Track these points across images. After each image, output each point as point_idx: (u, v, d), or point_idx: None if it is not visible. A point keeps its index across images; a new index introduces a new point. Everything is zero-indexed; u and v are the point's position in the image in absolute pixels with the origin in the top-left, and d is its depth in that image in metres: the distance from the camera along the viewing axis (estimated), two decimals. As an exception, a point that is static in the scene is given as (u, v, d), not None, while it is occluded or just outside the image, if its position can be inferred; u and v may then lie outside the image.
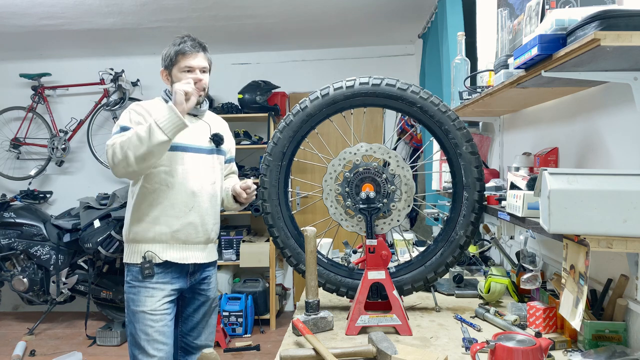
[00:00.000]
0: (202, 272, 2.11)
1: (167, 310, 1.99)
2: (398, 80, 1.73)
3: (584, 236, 1.14)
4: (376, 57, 4.89)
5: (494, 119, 2.52)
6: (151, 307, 1.95)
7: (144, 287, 1.96)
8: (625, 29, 1.01)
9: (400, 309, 1.59)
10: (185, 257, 2.01)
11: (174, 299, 2.03)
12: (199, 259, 2.05)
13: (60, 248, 4.31)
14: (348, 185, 1.70)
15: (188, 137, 1.99)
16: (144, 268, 1.95)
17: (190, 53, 1.99)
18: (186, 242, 2.01)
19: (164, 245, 1.98)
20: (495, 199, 1.88)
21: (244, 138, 4.62)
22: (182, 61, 1.98)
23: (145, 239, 1.98)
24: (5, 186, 5.14)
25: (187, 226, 1.99)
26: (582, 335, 1.38)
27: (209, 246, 2.12)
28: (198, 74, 1.99)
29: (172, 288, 2.00)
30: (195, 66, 1.99)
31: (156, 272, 1.97)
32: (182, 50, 1.98)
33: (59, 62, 5.06)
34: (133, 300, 1.98)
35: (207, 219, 2.05)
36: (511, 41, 1.79)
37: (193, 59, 1.99)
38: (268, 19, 3.92)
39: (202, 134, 2.06)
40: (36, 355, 3.90)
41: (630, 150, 1.38)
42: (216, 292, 2.22)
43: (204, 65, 2.02)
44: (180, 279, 2.03)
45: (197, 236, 2.02)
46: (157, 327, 1.96)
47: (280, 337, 4.09)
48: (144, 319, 1.95)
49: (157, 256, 1.97)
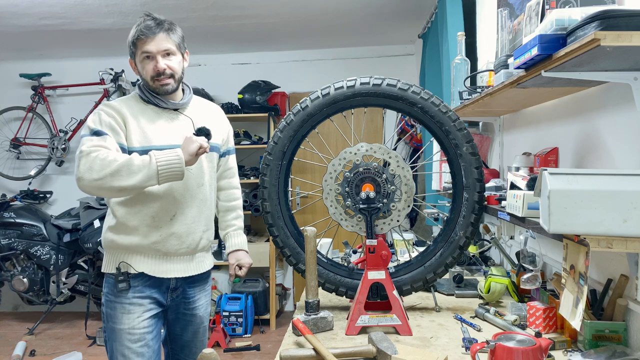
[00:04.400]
0: (187, 288, 1.86)
1: (148, 329, 1.75)
2: (399, 81, 1.73)
3: (584, 236, 1.14)
4: (376, 57, 4.89)
5: (494, 119, 2.52)
6: (129, 324, 1.73)
7: (120, 302, 1.74)
8: (626, 29, 1.01)
9: (400, 309, 1.59)
10: (166, 270, 1.77)
11: (156, 313, 1.79)
12: (182, 272, 1.80)
13: (60, 248, 4.31)
14: (348, 185, 1.70)
15: (167, 137, 1.75)
16: (117, 280, 1.72)
17: (145, 37, 1.70)
18: (168, 254, 1.77)
19: (140, 256, 1.75)
20: (495, 199, 1.88)
21: (244, 138, 4.62)
22: (139, 47, 1.72)
23: (120, 248, 1.75)
24: (5, 186, 5.14)
25: (168, 237, 1.75)
26: (582, 335, 1.38)
27: (198, 256, 1.86)
28: (159, 60, 1.71)
29: (151, 302, 1.77)
30: (153, 51, 1.71)
31: (133, 286, 1.74)
32: (136, 36, 1.72)
33: (59, 62, 5.06)
34: (110, 316, 1.76)
35: (195, 227, 1.80)
36: (511, 41, 1.79)
37: (150, 42, 1.70)
38: (268, 19, 3.92)
39: (184, 131, 1.78)
40: (36, 355, 3.90)
41: (630, 150, 1.38)
42: (206, 310, 1.95)
43: (165, 47, 1.72)
44: (159, 294, 1.79)
45: (180, 247, 1.78)
46: (135, 347, 1.73)
47: (280, 337, 4.09)
48: (120, 338, 1.74)
49: (131, 267, 1.73)
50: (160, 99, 1.78)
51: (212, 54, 4.98)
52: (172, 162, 1.61)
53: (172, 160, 1.62)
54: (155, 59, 1.72)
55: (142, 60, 1.74)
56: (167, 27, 1.74)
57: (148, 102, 1.79)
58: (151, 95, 1.78)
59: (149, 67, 1.73)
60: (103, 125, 1.69)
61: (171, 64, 1.74)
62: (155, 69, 1.72)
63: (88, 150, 1.63)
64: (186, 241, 1.79)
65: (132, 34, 1.74)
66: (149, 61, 1.73)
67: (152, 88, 1.76)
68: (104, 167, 1.59)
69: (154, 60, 1.72)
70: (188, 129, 1.80)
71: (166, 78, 1.73)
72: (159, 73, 1.72)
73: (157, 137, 1.74)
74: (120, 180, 1.59)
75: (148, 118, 1.77)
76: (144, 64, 1.73)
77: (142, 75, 1.76)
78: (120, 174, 1.59)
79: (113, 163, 1.59)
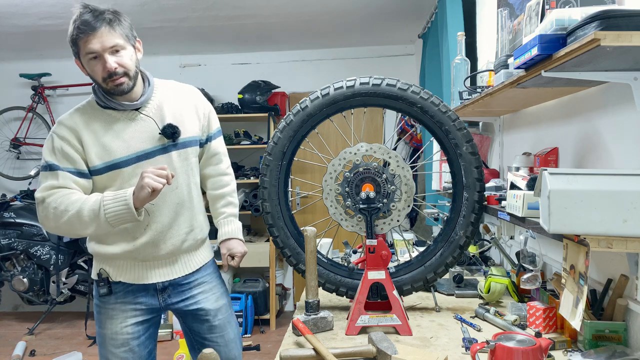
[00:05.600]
0: (177, 287, 1.76)
1: (133, 334, 1.71)
2: (398, 81, 1.73)
3: (584, 236, 1.14)
4: (376, 57, 4.89)
5: (494, 119, 2.52)
6: (112, 329, 1.70)
7: (104, 307, 1.71)
8: (626, 29, 1.01)
9: (400, 309, 1.59)
10: (146, 276, 1.70)
11: (143, 319, 1.73)
12: (165, 276, 1.72)
13: (60, 248, 4.31)
14: (348, 185, 1.70)
15: (130, 146, 1.63)
16: (98, 286, 1.69)
17: (85, 36, 1.51)
18: (146, 260, 1.70)
19: (118, 264, 1.70)
20: (495, 199, 1.88)
21: (244, 138, 4.62)
22: (82, 47, 1.53)
23: (100, 255, 1.71)
24: (5, 186, 5.14)
25: (143, 246, 1.67)
26: (582, 335, 1.38)
27: (182, 257, 1.76)
28: (107, 59, 1.53)
29: (137, 308, 1.71)
30: (99, 50, 1.52)
31: (115, 291, 1.69)
32: (75, 34, 1.53)
33: (59, 62, 5.06)
34: (97, 320, 1.74)
35: (173, 232, 1.70)
36: (511, 41, 1.79)
37: (93, 40, 1.51)
38: (268, 19, 3.92)
39: (146, 133, 1.65)
40: (36, 355, 3.90)
41: (630, 150, 1.38)
42: (218, 302, 1.83)
43: (111, 44, 1.53)
44: (147, 298, 1.72)
45: (158, 253, 1.69)
46: (118, 352, 1.70)
47: (280, 337, 4.09)
48: (104, 343, 1.72)
49: (109, 276, 1.70)
50: (115, 102, 1.63)
51: (212, 54, 4.98)
52: (120, 213, 1.53)
53: (121, 211, 1.53)
54: (103, 58, 1.54)
55: (88, 62, 1.56)
56: (109, 19, 1.53)
57: (105, 107, 1.65)
58: (106, 99, 1.63)
59: (98, 69, 1.56)
60: (57, 154, 1.60)
61: (122, 61, 1.56)
62: (105, 69, 1.54)
63: (42, 197, 1.58)
64: (164, 247, 1.70)
65: (70, 31, 1.54)
66: (97, 61, 1.55)
67: (106, 90, 1.61)
68: (58, 218, 1.56)
69: (101, 59, 1.54)
70: (151, 128, 1.66)
71: (119, 77, 1.56)
72: (110, 74, 1.55)
73: (119, 148, 1.62)
74: (77, 230, 1.58)
75: (106, 126, 1.63)
76: (92, 65, 1.56)
77: (93, 77, 1.60)
78: (74, 225, 1.56)
79: (64, 214, 1.55)
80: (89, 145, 1.62)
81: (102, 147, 1.62)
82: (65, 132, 1.62)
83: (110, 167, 1.62)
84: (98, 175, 1.64)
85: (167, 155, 1.68)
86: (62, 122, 1.64)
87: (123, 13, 1.60)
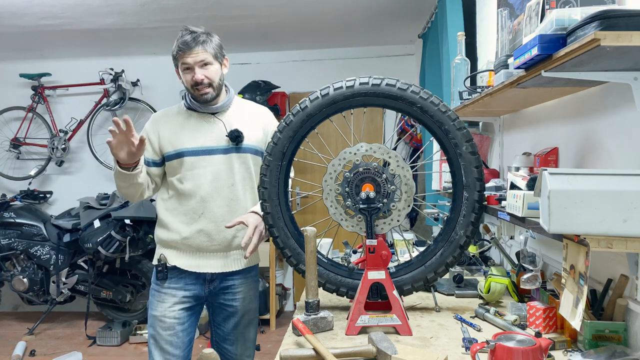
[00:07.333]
0: (224, 281, 2.00)
1: (179, 320, 1.94)
2: (398, 80, 1.73)
3: (584, 236, 1.14)
4: (376, 57, 4.89)
5: (494, 119, 2.52)
6: (161, 312, 1.94)
7: (157, 291, 1.97)
8: (626, 29, 1.01)
9: (400, 309, 1.59)
10: (199, 265, 1.95)
11: (189, 306, 1.98)
12: (216, 268, 1.96)
13: (60, 248, 4.31)
14: (348, 185, 1.70)
15: (197, 140, 1.94)
16: (157, 270, 1.95)
17: (182, 52, 1.88)
18: (200, 250, 1.94)
19: (175, 251, 1.96)
20: (495, 199, 1.88)
21: (244, 138, 4.62)
22: (179, 60, 1.91)
23: (161, 242, 1.99)
24: (5, 186, 5.14)
25: (197, 234, 1.92)
26: (582, 335, 1.38)
27: (232, 253, 1.98)
28: (197, 72, 1.89)
29: (185, 295, 1.96)
30: (191, 63, 1.88)
31: (170, 277, 1.95)
32: (175, 51, 1.91)
33: (59, 62, 5.06)
34: (150, 303, 1.99)
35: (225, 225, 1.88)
36: (511, 41, 1.79)
37: (188, 56, 1.88)
38: (268, 19, 3.92)
39: (214, 134, 1.95)
40: (36, 355, 3.90)
41: (630, 150, 1.38)
42: (250, 304, 2.06)
43: (201, 59, 1.88)
44: (196, 286, 1.97)
45: (211, 244, 1.94)
46: (165, 335, 1.93)
47: (280, 337, 4.09)
48: (154, 324, 1.95)
49: (167, 260, 1.95)
50: (197, 105, 1.96)
51: (212, 54, 4.97)
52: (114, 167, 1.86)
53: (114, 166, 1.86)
54: (193, 70, 1.89)
55: (183, 71, 1.92)
56: (202, 40, 1.88)
57: (189, 108, 2.00)
58: (191, 102, 1.98)
59: (189, 78, 1.91)
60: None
61: (208, 74, 1.90)
62: (193, 79, 1.89)
63: None
64: (216, 238, 1.93)
65: (173, 48, 1.92)
66: (189, 72, 1.90)
67: (193, 96, 1.94)
68: None
69: (192, 71, 1.89)
70: (221, 130, 1.96)
71: (205, 87, 1.90)
72: (197, 83, 1.89)
73: (187, 140, 1.93)
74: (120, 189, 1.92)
75: (184, 122, 1.97)
76: (185, 75, 1.92)
77: (185, 84, 1.95)
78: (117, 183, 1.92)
79: None
80: (165, 135, 1.96)
81: (176, 137, 1.95)
82: (148, 125, 2.01)
83: (177, 155, 1.93)
84: (169, 162, 1.96)
85: (228, 156, 1.94)
86: (152, 117, 2.04)
87: (215, 34, 1.96)
